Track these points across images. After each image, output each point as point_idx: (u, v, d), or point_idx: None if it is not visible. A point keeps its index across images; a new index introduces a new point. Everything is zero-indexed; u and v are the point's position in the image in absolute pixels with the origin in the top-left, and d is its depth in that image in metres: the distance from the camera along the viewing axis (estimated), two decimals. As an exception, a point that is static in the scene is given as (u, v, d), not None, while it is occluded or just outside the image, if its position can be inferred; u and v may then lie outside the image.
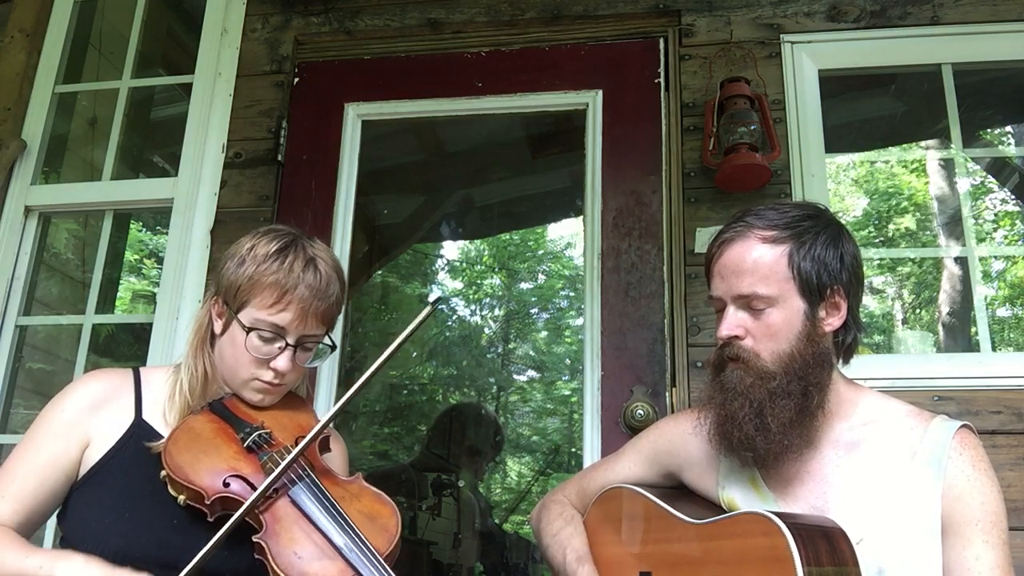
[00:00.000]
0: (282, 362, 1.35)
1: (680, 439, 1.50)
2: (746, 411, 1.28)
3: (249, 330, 1.34)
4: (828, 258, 1.29)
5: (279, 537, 1.20)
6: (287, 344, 1.35)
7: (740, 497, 1.36)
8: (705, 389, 1.40)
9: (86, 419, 1.36)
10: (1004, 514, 1.24)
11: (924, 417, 1.32)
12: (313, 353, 1.42)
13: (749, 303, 1.30)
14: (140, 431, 1.36)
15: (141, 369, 1.47)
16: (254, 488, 1.22)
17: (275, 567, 1.16)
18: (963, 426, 1.29)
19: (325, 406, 2.17)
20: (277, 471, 1.22)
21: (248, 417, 1.37)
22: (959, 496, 1.23)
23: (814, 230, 1.31)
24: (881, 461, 1.28)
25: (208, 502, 1.23)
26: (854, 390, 1.37)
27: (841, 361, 1.37)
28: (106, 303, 2.63)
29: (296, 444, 1.27)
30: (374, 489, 1.33)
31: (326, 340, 1.43)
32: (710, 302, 1.39)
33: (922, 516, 1.23)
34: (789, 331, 1.28)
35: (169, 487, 1.26)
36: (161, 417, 1.38)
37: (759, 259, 1.29)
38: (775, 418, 1.26)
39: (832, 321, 1.31)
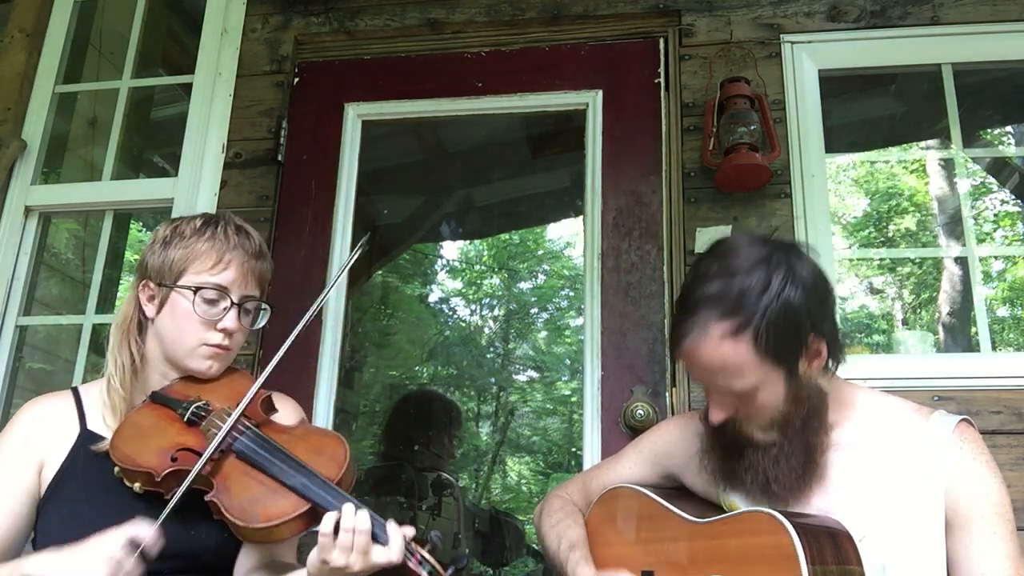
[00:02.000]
0: (230, 321, 1.40)
1: (681, 441, 1.50)
2: (751, 478, 1.30)
3: (196, 290, 1.38)
4: (791, 319, 1.20)
5: (229, 490, 1.23)
6: (232, 303, 1.40)
7: (741, 500, 1.36)
8: (705, 436, 1.40)
9: (36, 440, 1.39)
10: (1009, 505, 1.24)
11: (923, 413, 1.32)
12: (253, 316, 1.48)
13: (731, 392, 1.27)
14: (87, 440, 1.39)
15: (79, 387, 1.50)
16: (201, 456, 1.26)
17: (230, 517, 1.20)
18: (962, 420, 1.29)
19: (326, 404, 2.15)
20: (221, 432, 1.26)
21: (184, 396, 1.40)
22: (961, 490, 1.23)
23: (768, 295, 1.20)
24: (882, 458, 1.28)
25: (159, 479, 1.25)
26: (850, 390, 1.37)
27: (835, 369, 1.33)
28: (106, 303, 2.62)
29: (235, 407, 1.30)
30: (320, 428, 1.36)
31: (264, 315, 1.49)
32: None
33: (924, 512, 1.23)
34: (776, 399, 1.26)
35: (125, 480, 1.29)
36: (103, 423, 1.41)
37: (725, 358, 1.22)
38: (779, 484, 1.28)
39: (816, 363, 1.27)
